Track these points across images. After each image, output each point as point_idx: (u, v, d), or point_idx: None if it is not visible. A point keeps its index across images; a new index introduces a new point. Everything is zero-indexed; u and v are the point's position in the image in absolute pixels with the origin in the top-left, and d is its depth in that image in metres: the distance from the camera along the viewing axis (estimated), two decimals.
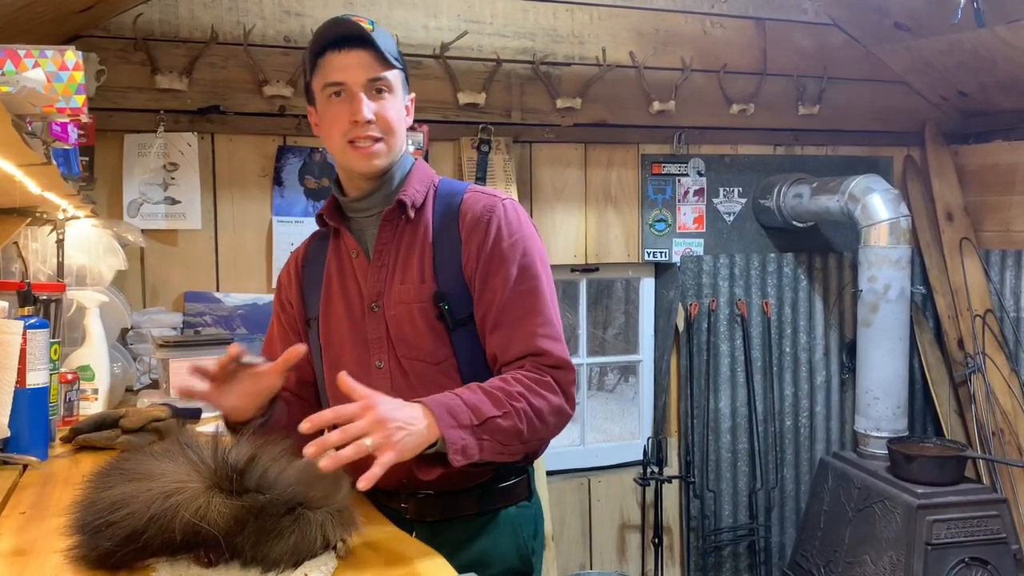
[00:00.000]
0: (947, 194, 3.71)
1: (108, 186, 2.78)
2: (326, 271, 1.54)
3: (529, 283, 1.41)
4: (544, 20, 3.22)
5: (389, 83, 1.42)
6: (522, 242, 1.42)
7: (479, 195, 1.47)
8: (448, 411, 1.23)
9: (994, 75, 3.40)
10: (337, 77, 1.40)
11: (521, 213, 1.47)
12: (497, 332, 1.40)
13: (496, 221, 1.42)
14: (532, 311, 1.39)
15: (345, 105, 1.41)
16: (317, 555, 1.09)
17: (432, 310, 1.41)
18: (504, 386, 1.32)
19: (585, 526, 3.47)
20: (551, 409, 1.35)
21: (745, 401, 3.56)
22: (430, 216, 1.47)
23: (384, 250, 1.47)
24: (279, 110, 2.91)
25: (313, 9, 2.93)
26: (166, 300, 2.84)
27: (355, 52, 1.39)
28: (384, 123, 1.42)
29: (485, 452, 1.27)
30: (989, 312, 3.59)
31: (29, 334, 1.63)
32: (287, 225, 2.96)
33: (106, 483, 1.11)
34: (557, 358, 1.38)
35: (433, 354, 1.42)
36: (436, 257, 1.43)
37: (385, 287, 1.45)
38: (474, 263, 1.41)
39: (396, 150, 1.46)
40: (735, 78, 3.48)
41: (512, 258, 1.40)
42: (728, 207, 3.56)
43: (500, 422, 1.28)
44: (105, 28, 2.73)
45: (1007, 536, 2.93)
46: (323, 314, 1.53)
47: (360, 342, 1.47)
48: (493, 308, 1.40)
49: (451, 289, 1.42)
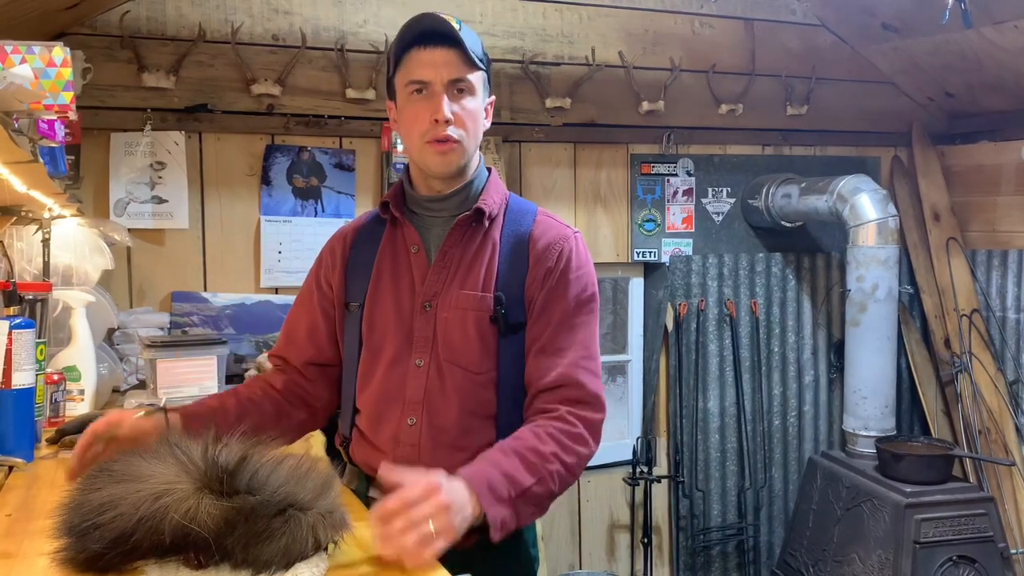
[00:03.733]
0: (934, 194, 3.73)
1: (94, 185, 2.76)
2: (378, 259, 1.53)
3: (583, 317, 1.45)
4: (533, 20, 3.21)
5: (471, 84, 1.42)
6: (586, 278, 1.47)
7: (552, 221, 1.51)
8: (488, 487, 1.23)
9: (980, 76, 3.42)
10: (421, 75, 1.40)
11: (584, 246, 1.51)
12: (542, 356, 1.42)
13: (568, 252, 1.46)
14: (579, 343, 1.43)
15: (426, 103, 1.40)
16: (308, 557, 1.08)
17: (487, 319, 1.43)
18: (538, 445, 1.32)
19: (574, 526, 3.47)
20: (581, 463, 1.38)
21: (734, 401, 3.57)
22: (499, 230, 1.48)
23: (449, 253, 1.47)
24: (267, 109, 2.89)
25: (301, 7, 2.92)
26: (153, 300, 2.82)
27: (441, 50, 1.39)
28: (463, 124, 1.41)
29: (522, 520, 1.30)
30: (975, 312, 3.61)
31: (15, 334, 1.61)
32: (275, 224, 2.94)
33: (94, 485, 1.09)
34: (590, 392, 1.41)
35: (476, 364, 1.43)
36: (500, 270, 1.45)
37: (442, 289, 1.45)
38: (539, 286, 1.44)
39: (471, 152, 1.46)
40: (724, 78, 3.49)
41: (574, 291, 1.45)
42: (717, 207, 3.57)
43: (535, 490, 1.30)
44: (91, 25, 2.71)
45: (994, 534, 2.95)
46: (369, 302, 1.51)
47: (404, 338, 1.46)
48: (546, 333, 1.43)
49: (509, 298, 1.44)
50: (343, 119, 2.99)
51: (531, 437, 1.33)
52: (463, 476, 1.22)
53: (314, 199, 2.98)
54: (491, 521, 1.21)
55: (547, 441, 1.33)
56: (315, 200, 2.98)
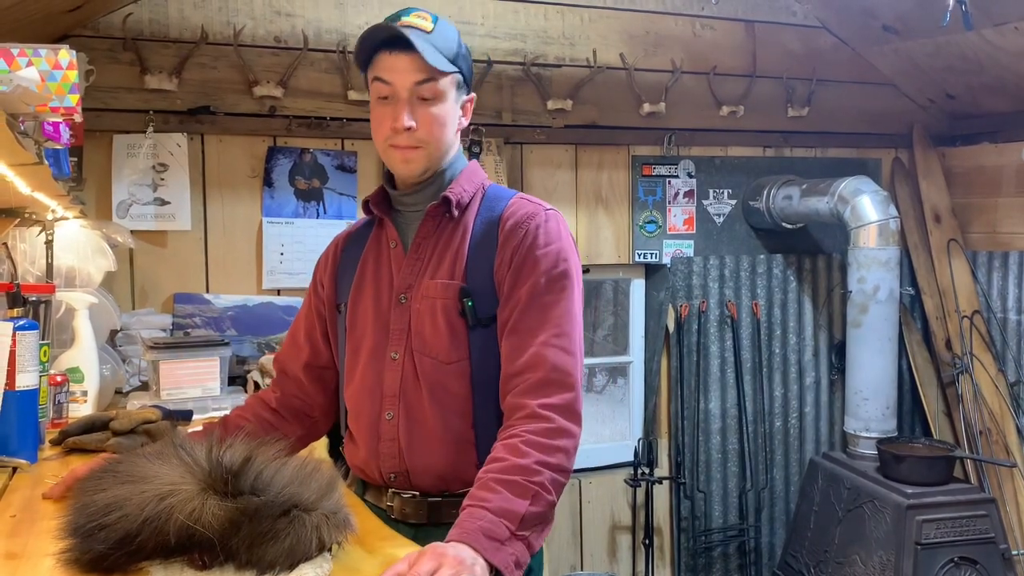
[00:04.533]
0: (934, 196, 3.74)
1: (97, 187, 2.76)
2: (362, 258, 1.55)
3: (555, 295, 1.37)
4: (535, 22, 3.22)
5: (436, 89, 1.40)
6: (557, 253, 1.40)
7: (524, 202, 1.47)
8: (485, 535, 1.15)
9: (981, 77, 3.43)
10: (385, 79, 1.40)
11: (562, 224, 1.45)
12: (512, 337, 1.37)
13: (535, 228, 1.40)
14: (551, 322, 1.35)
15: (389, 108, 1.41)
16: (312, 557, 1.08)
17: (455, 307, 1.40)
18: (519, 461, 1.24)
19: (576, 527, 3.47)
20: (569, 456, 1.30)
21: (735, 402, 3.58)
22: (472, 217, 1.47)
23: (422, 244, 1.47)
24: (269, 111, 2.90)
25: (303, 9, 2.93)
26: (156, 301, 2.83)
27: (403, 56, 1.38)
28: (425, 131, 1.40)
29: (533, 543, 1.23)
30: (976, 313, 3.61)
31: (18, 336, 1.61)
32: (277, 226, 2.94)
33: (99, 486, 1.10)
34: (560, 371, 1.32)
35: (446, 354, 1.41)
36: (470, 257, 1.43)
37: (416, 281, 1.45)
38: (506, 267, 1.40)
39: (437, 156, 1.45)
40: (725, 80, 3.49)
41: (544, 267, 1.38)
42: (718, 208, 3.57)
43: (533, 510, 1.22)
44: (94, 28, 2.71)
45: (995, 535, 2.95)
46: (352, 300, 1.53)
47: (382, 331, 1.47)
48: (514, 313, 1.37)
49: (478, 289, 1.40)
50: (345, 121, 2.99)
51: (509, 455, 1.25)
52: (454, 538, 1.14)
53: (316, 201, 2.99)
54: (502, 567, 1.15)
55: (526, 452, 1.25)
56: (317, 202, 2.99)
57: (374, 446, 1.46)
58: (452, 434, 1.42)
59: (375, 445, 1.46)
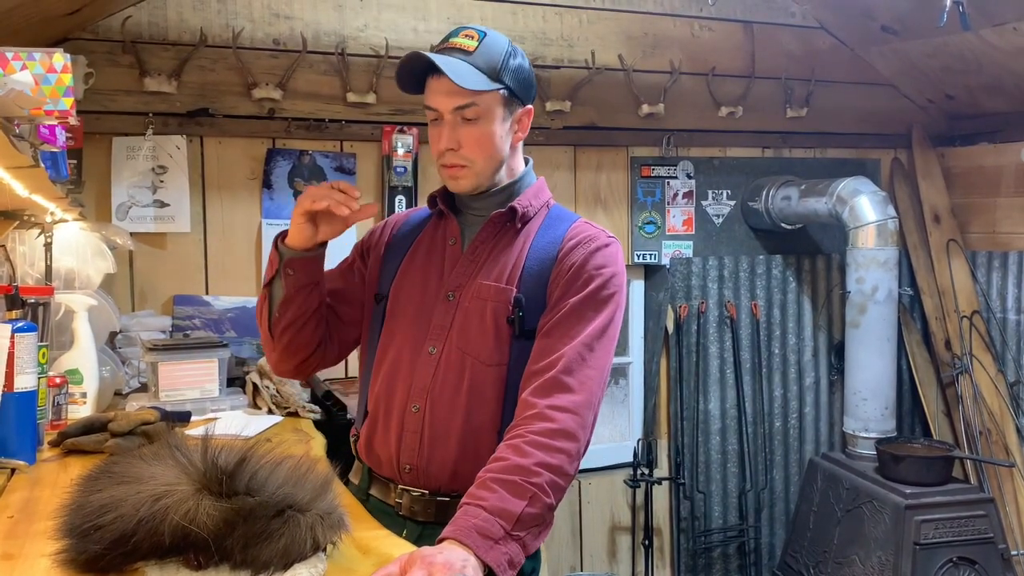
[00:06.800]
0: (934, 196, 3.74)
1: (96, 189, 2.77)
2: (412, 248, 1.58)
3: (595, 311, 1.41)
4: (533, 23, 3.23)
5: (478, 109, 1.43)
6: (611, 277, 1.44)
7: (587, 226, 1.52)
8: (478, 533, 1.16)
9: (979, 78, 3.43)
10: (429, 103, 1.46)
11: (619, 254, 1.50)
12: (543, 339, 1.41)
13: (594, 250, 1.46)
14: (582, 332, 1.38)
15: (437, 130, 1.48)
16: (307, 557, 1.09)
17: (505, 313, 1.44)
18: (520, 461, 1.25)
19: (575, 528, 3.47)
20: (572, 459, 1.31)
21: (734, 403, 3.58)
22: (534, 232, 1.51)
23: (480, 247, 1.51)
24: (268, 113, 2.91)
25: (302, 12, 2.93)
26: (155, 303, 2.83)
27: (444, 80, 1.41)
28: (469, 151, 1.46)
29: (528, 544, 1.23)
30: (976, 313, 3.61)
31: (17, 337, 1.62)
32: (276, 228, 2.94)
33: (95, 486, 1.10)
34: (575, 373, 1.34)
35: (488, 355, 1.44)
36: (526, 268, 1.47)
37: (467, 281, 1.49)
38: (560, 280, 1.44)
39: (487, 172, 1.49)
40: (723, 81, 3.50)
41: (594, 286, 1.42)
42: (717, 209, 3.58)
43: (530, 511, 1.22)
44: (93, 31, 2.72)
45: (994, 536, 2.95)
46: (395, 288, 1.56)
47: (421, 325, 1.49)
48: (553, 319, 1.41)
49: (530, 302, 1.44)
50: (344, 123, 3.00)
51: (511, 454, 1.27)
52: (448, 534, 1.16)
53: None
54: (495, 567, 1.15)
55: (528, 453, 1.26)
56: None
57: (396, 436, 1.48)
58: (474, 435, 1.44)
59: (398, 435, 1.48)
